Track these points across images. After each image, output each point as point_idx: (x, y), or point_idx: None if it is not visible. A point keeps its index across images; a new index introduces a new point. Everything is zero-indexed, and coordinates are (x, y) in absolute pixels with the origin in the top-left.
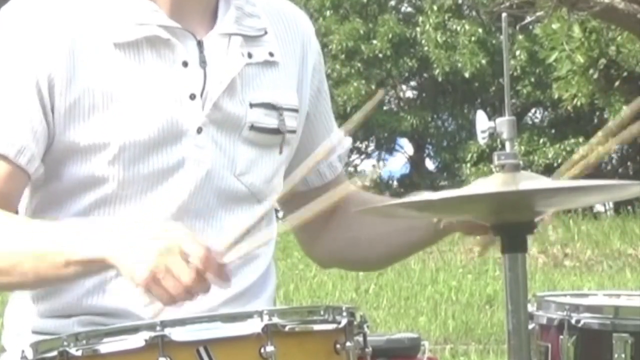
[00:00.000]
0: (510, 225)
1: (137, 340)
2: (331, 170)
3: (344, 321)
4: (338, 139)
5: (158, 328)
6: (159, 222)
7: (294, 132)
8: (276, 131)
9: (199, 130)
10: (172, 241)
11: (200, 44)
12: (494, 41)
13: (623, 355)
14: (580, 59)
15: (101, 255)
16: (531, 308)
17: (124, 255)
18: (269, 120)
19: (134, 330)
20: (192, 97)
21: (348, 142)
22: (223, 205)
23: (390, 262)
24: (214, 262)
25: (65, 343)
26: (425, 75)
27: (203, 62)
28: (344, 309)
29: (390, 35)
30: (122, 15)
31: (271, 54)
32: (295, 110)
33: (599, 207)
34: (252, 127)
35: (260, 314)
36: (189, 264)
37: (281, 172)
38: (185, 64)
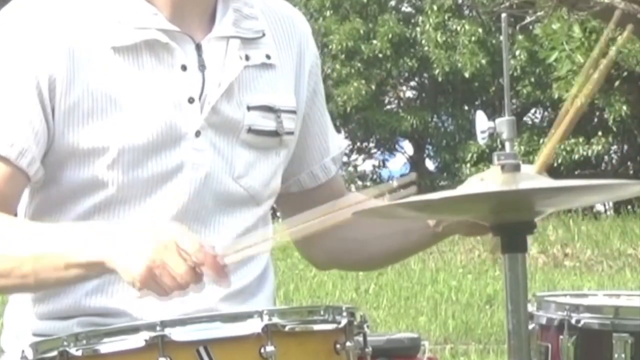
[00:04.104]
0: (510, 225)
1: (137, 340)
2: (324, 172)
3: (344, 321)
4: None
5: (158, 328)
6: (156, 224)
7: (291, 133)
8: (274, 133)
9: (198, 134)
10: (167, 238)
11: (198, 47)
12: (494, 41)
13: (623, 355)
14: (580, 59)
15: (100, 258)
16: (531, 308)
17: (120, 256)
18: (267, 122)
19: (134, 330)
20: (191, 100)
21: (344, 144)
22: (222, 208)
23: (387, 263)
24: (210, 257)
25: (65, 343)
26: (425, 75)
27: (202, 66)
28: (344, 309)
29: (390, 35)
30: (121, 18)
31: (268, 57)
32: (293, 112)
33: (599, 207)
34: (250, 130)
35: (260, 314)
36: (185, 259)
37: (279, 174)
38: (184, 67)
